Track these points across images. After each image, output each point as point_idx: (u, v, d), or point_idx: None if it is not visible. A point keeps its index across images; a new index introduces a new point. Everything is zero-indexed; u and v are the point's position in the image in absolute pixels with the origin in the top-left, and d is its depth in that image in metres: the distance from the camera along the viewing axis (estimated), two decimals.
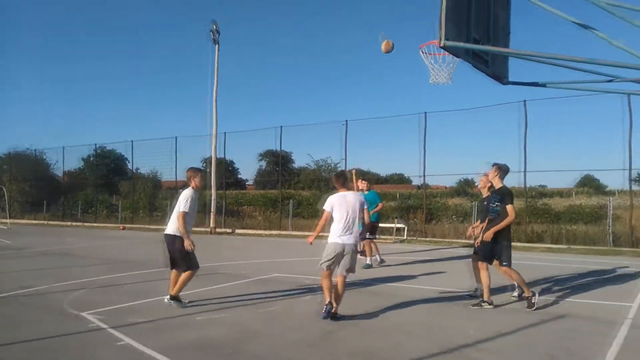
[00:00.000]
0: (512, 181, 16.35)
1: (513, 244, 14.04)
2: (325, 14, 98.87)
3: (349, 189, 6.22)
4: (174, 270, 6.39)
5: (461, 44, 4.69)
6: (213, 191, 21.43)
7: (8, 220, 25.87)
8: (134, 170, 29.00)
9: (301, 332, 5.27)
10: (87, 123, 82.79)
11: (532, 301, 6.22)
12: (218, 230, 20.86)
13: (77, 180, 32.86)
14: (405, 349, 4.72)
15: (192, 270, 6.27)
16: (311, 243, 6.14)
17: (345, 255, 5.76)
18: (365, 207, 6.01)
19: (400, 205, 21.47)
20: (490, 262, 6.42)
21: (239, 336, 5.11)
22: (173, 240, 6.22)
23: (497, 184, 6.52)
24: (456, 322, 5.74)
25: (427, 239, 16.43)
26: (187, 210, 6.15)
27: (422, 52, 9.10)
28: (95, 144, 30.37)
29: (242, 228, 21.13)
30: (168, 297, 6.31)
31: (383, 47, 7.77)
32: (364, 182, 10.05)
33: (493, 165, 6.53)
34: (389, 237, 16.65)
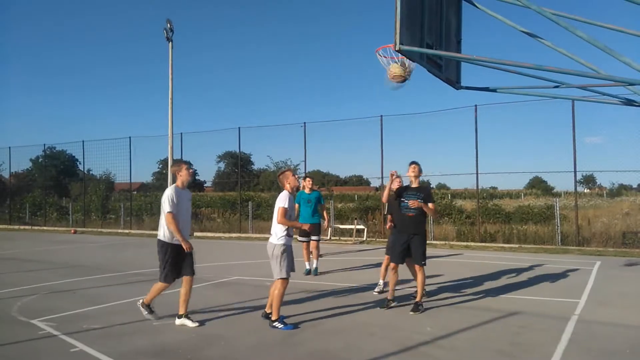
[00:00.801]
0: (464, 182, 16.92)
1: (468, 243, 14.57)
2: (286, 16, 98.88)
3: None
4: (184, 279, 5.81)
5: (415, 49, 4.82)
6: None
7: None
8: (86, 172, 27.99)
9: (261, 335, 5.26)
10: (34, 122, 79.21)
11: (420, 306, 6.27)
12: None
13: (25, 182, 31.40)
14: (365, 348, 4.79)
15: (167, 282, 5.73)
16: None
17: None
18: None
19: (359, 206, 21.73)
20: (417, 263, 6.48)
21: (198, 341, 5.05)
22: (160, 247, 5.72)
23: (416, 183, 6.72)
24: (413, 320, 5.88)
25: (385, 239, 16.69)
26: (172, 211, 5.61)
27: (379, 55, 9.25)
28: (44, 145, 29.11)
29: (201, 231, 20.77)
30: (178, 317, 5.74)
31: (394, 70, 6.89)
32: (309, 180, 9.69)
33: (413, 164, 6.69)
34: (350, 238, 16.83)
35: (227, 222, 22.13)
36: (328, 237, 17.38)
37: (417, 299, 6.37)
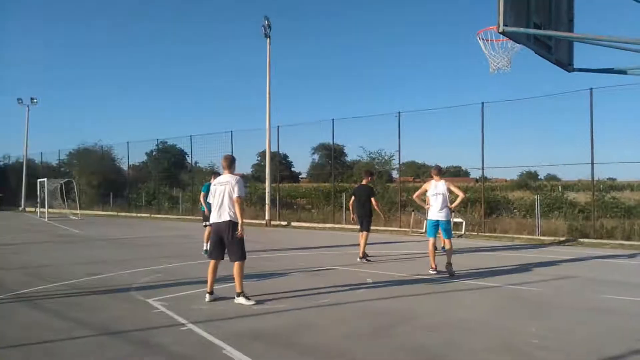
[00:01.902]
0: (578, 173, 15.52)
1: (581, 239, 13.40)
2: (376, 6, 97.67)
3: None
4: (213, 262, 6.40)
5: (521, 30, 4.50)
6: (268, 184, 21.83)
7: (78, 211, 27.62)
8: (193, 164, 30.04)
9: (354, 325, 5.28)
10: (150, 120, 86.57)
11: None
12: (273, 222, 21.24)
13: (141, 174, 34.49)
14: (464, 346, 4.61)
15: (244, 259, 6.34)
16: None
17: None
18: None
19: (455, 198, 20.93)
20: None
21: (294, 327, 5.20)
22: (230, 227, 6.25)
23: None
24: (516, 319, 5.54)
25: (487, 234, 15.93)
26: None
27: (480, 39, 8.77)
28: (157, 139, 31.72)
29: (297, 221, 21.38)
30: (236, 296, 6.24)
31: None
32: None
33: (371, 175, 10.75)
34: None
35: (321, 212, 22.54)
36: (423, 230, 17.01)
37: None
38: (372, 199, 10.27)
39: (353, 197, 10.54)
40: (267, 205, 21.50)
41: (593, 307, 6.08)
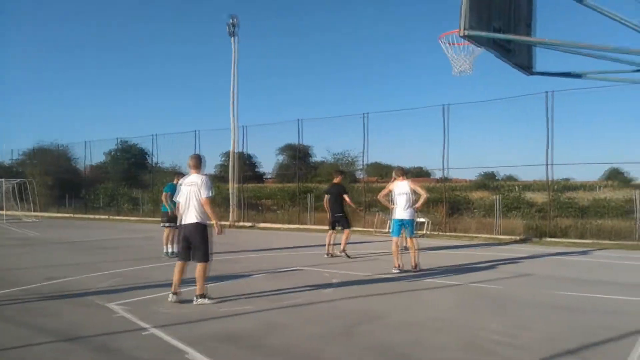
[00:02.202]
0: (535, 174, 16.06)
1: (538, 238, 13.94)
2: (345, 7, 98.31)
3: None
4: (180, 263, 6.33)
5: (483, 33, 4.60)
6: (232, 184, 21.59)
7: (33, 213, 26.53)
8: (155, 164, 29.36)
9: (322, 326, 5.28)
10: (109, 118, 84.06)
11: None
12: (238, 224, 21.02)
13: (100, 174, 33.44)
14: (430, 344, 4.68)
15: (208, 261, 6.26)
16: None
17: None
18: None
19: (418, 198, 21.24)
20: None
21: (260, 329, 5.15)
22: (196, 229, 6.20)
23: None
24: (482, 317, 5.68)
25: (449, 233, 16.27)
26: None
27: (443, 42, 8.97)
28: (118, 138, 30.85)
29: (263, 222, 21.24)
30: (195, 297, 6.19)
31: None
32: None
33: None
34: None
35: (287, 213, 22.48)
36: (387, 230, 17.22)
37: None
38: (345, 196, 10.90)
39: (327, 196, 11.09)
40: (232, 207, 21.26)
41: (550, 304, 6.30)
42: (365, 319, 5.52)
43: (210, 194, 6.23)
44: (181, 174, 10.68)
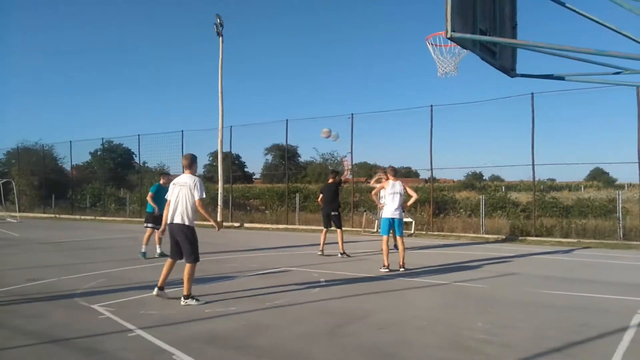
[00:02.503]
0: (520, 174, 16.28)
1: (522, 237, 14.10)
2: (331, 8, 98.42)
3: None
4: (170, 261, 6.42)
5: (468, 35, 4.65)
6: (220, 185, 21.51)
7: (17, 214, 26.14)
8: (141, 164, 29.13)
9: (308, 326, 5.30)
10: (94, 117, 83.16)
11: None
12: (226, 224, 20.94)
13: (85, 174, 33.09)
14: (414, 343, 4.72)
15: (197, 262, 6.31)
16: None
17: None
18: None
19: (407, 198, 21.35)
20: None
21: (247, 329, 5.15)
22: (182, 230, 6.23)
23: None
24: (464, 316, 5.74)
25: (435, 232, 16.39)
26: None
27: (429, 44, 9.05)
28: (103, 138, 30.50)
29: (250, 222, 21.19)
30: (182, 298, 6.19)
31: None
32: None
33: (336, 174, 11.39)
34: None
35: (275, 213, 22.46)
36: (375, 230, 17.29)
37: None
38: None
39: (321, 195, 11.42)
40: (219, 207, 21.18)
41: (534, 302, 6.38)
42: (352, 319, 5.55)
43: (203, 195, 6.25)
44: (167, 174, 10.64)
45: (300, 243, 13.40)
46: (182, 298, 6.19)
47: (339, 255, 10.66)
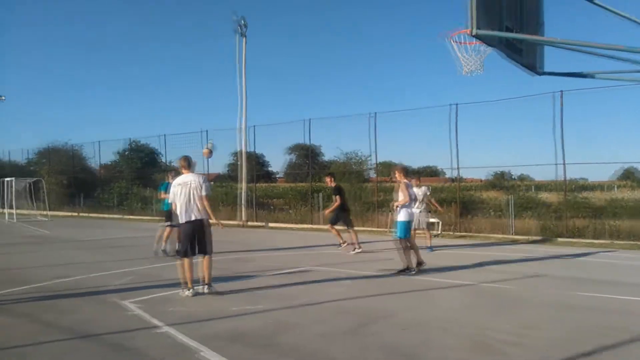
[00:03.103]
0: (550, 174, 15.89)
1: (553, 238, 13.65)
2: (351, 7, 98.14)
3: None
4: (188, 260, 6.60)
5: (493, 33, 4.60)
6: (244, 184, 21.68)
7: (47, 212, 26.91)
8: (167, 164, 29.59)
9: (332, 325, 5.31)
10: (121, 117, 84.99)
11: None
12: (250, 223, 21.11)
13: (112, 174, 33.79)
14: (437, 344, 4.69)
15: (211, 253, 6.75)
16: None
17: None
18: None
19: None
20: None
21: (271, 328, 5.20)
22: (202, 224, 6.63)
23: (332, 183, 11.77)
24: (490, 317, 5.66)
25: (462, 233, 16.19)
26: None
27: (453, 42, 8.91)
28: (129, 138, 31.14)
29: (274, 221, 21.30)
30: (205, 287, 6.63)
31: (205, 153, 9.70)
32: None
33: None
34: (422, 231, 16.45)
35: (298, 213, 22.51)
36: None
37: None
38: (336, 197, 11.50)
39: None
40: (242, 206, 21.36)
41: (563, 304, 6.25)
42: (375, 318, 5.54)
43: (210, 192, 6.77)
44: (173, 172, 10.58)
45: (323, 243, 13.43)
46: (208, 286, 6.65)
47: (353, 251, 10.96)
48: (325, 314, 5.80)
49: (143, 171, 32.56)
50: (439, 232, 16.19)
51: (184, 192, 6.57)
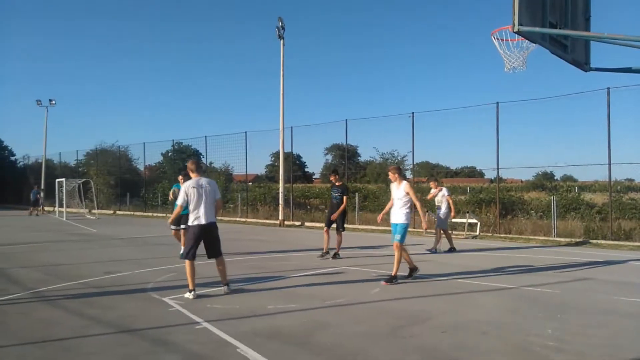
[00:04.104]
0: (595, 174, 15.29)
1: (597, 241, 13.23)
2: (391, 6, 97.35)
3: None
4: (193, 262, 6.63)
5: (537, 29, 4.46)
6: (281, 184, 21.90)
7: (96, 211, 28.02)
8: (208, 164, 30.25)
9: (369, 326, 5.29)
10: (166, 120, 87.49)
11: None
12: (287, 223, 21.30)
13: (157, 174, 34.83)
14: (477, 349, 4.59)
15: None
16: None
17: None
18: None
19: (472, 199, 20.71)
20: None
21: (308, 327, 5.22)
22: (216, 226, 6.82)
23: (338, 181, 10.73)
24: (532, 321, 5.49)
25: (502, 235, 15.79)
26: None
27: (495, 39, 8.70)
28: (173, 140, 32.03)
29: (310, 221, 21.40)
30: (225, 287, 6.81)
31: None
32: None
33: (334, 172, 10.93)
34: (461, 232, 16.18)
35: None
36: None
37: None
38: (344, 198, 10.75)
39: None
40: (280, 206, 21.58)
41: (609, 310, 6.00)
42: (413, 320, 5.48)
43: (220, 197, 6.96)
44: (184, 175, 10.57)
45: (360, 243, 13.38)
46: (227, 286, 6.81)
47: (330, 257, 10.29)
48: (362, 314, 5.78)
49: (186, 172, 33.37)
50: (477, 233, 15.85)
51: (200, 194, 6.65)
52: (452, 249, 11.60)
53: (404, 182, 8.04)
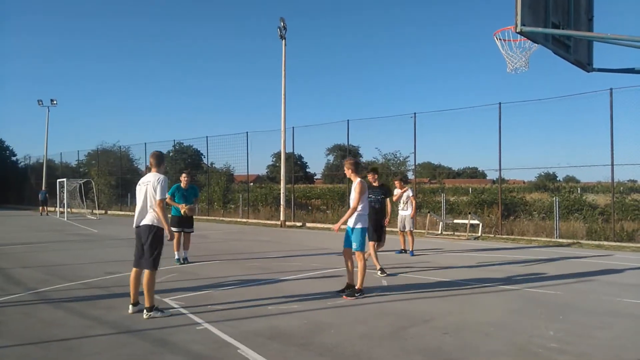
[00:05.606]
0: (597, 175, 15.26)
1: (600, 242, 13.19)
2: (392, 7, 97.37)
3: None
4: (136, 270, 5.76)
5: (539, 29, 4.45)
6: (283, 185, 21.89)
7: (97, 211, 28.03)
8: (209, 165, 30.25)
9: (371, 327, 5.27)
10: (167, 121, 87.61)
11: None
12: (288, 223, 21.28)
13: None
14: (480, 349, 4.57)
15: (155, 269, 5.70)
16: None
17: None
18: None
19: (474, 200, 20.67)
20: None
21: (310, 327, 5.21)
22: (148, 231, 5.65)
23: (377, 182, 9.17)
24: (534, 322, 5.47)
25: (505, 236, 15.76)
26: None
27: (497, 39, 8.68)
28: (174, 140, 32.05)
29: (312, 222, 21.38)
30: (145, 311, 5.56)
31: None
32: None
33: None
34: (463, 233, 16.15)
35: (336, 213, 22.52)
36: (439, 232, 16.89)
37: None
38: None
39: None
40: (282, 206, 21.57)
41: (612, 311, 5.97)
42: (415, 321, 5.46)
43: (164, 196, 5.69)
44: (187, 174, 10.49)
45: None
46: (145, 311, 5.55)
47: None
48: (364, 315, 5.76)
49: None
50: (480, 234, 15.82)
51: (140, 193, 5.78)
52: (403, 251, 11.45)
53: (357, 180, 6.94)
